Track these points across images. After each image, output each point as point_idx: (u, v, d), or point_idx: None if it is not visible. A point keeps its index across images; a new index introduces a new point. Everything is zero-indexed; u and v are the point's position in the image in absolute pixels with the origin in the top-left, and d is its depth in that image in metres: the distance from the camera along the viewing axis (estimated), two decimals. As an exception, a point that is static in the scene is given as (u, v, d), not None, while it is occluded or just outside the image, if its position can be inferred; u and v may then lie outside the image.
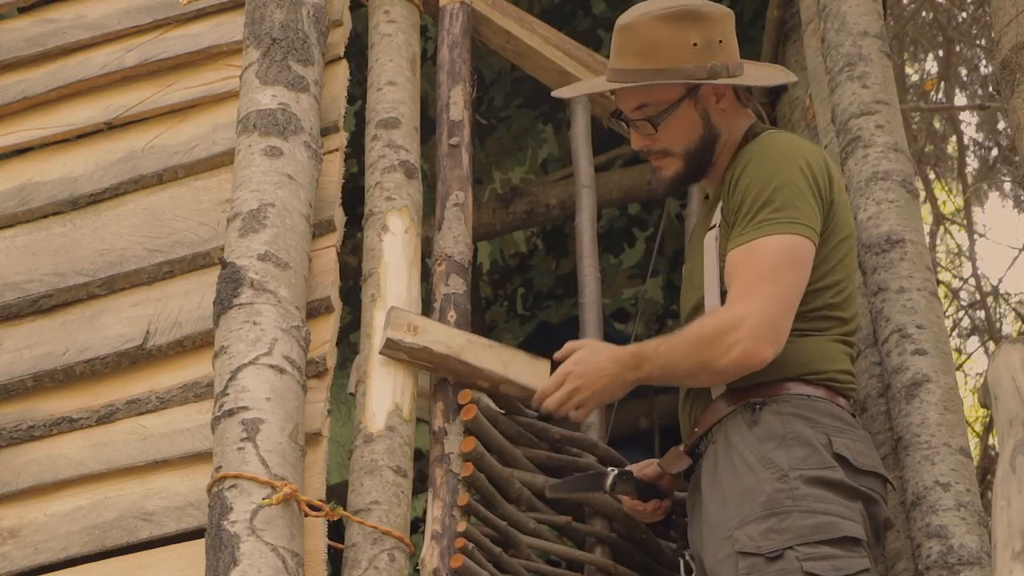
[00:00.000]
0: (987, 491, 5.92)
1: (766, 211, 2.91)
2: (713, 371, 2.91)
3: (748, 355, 2.85)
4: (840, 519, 2.79)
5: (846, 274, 3.02)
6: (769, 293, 2.86)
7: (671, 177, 3.13)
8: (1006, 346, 2.89)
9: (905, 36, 7.87)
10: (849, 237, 3.05)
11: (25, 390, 3.37)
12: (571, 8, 5.26)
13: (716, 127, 3.10)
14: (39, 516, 3.19)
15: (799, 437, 2.86)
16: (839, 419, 2.93)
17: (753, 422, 2.90)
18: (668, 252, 5.57)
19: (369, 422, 3.12)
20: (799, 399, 2.92)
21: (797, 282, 2.90)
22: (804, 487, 2.80)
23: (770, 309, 2.86)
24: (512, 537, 3.23)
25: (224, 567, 2.65)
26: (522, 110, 5.51)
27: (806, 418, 2.89)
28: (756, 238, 2.90)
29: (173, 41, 3.84)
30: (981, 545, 3.04)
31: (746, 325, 2.85)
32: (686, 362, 2.93)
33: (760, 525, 2.78)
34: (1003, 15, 3.54)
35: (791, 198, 2.92)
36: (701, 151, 3.10)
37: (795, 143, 3.07)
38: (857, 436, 2.94)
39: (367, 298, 3.32)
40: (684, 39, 3.03)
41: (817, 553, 2.75)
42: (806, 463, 2.83)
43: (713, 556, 2.87)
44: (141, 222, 3.52)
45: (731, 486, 2.88)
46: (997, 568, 2.56)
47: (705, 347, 2.89)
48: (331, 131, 3.51)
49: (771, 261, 2.88)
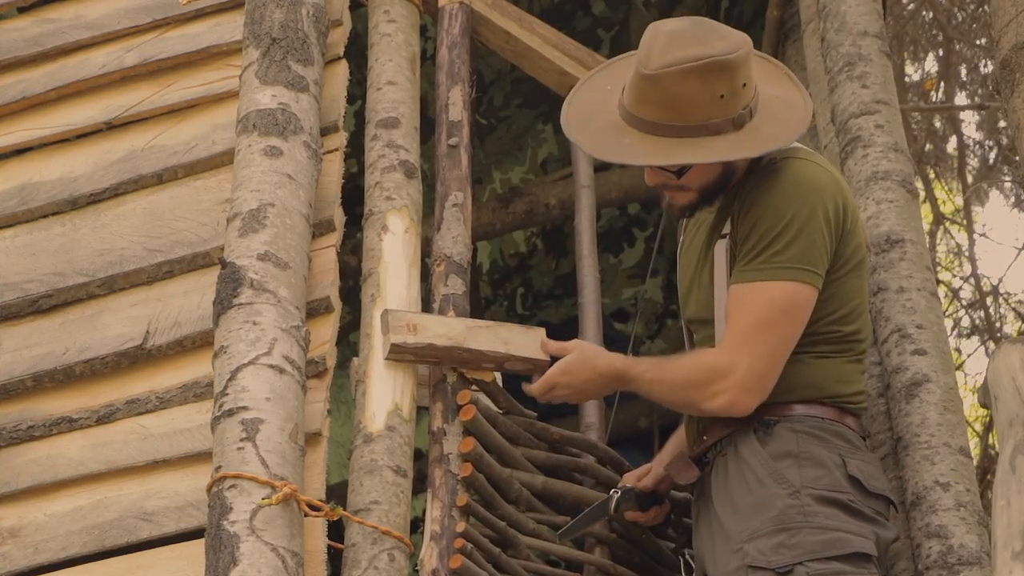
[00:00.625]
0: (987, 491, 5.92)
1: (771, 251, 2.90)
2: (698, 410, 3.00)
3: (732, 405, 2.91)
4: (851, 535, 2.81)
5: (860, 299, 3.04)
6: (760, 347, 2.89)
7: (684, 205, 3.08)
8: (1006, 346, 2.89)
9: (905, 36, 7.87)
10: (863, 262, 3.05)
11: (25, 390, 3.36)
12: (571, 8, 5.26)
13: (733, 164, 3.01)
14: (39, 516, 3.18)
15: (813, 457, 2.89)
16: (849, 442, 2.95)
17: (766, 438, 2.93)
18: (668, 252, 5.56)
19: (369, 422, 3.12)
20: (812, 420, 2.94)
21: (792, 332, 2.92)
22: (815, 505, 2.83)
23: (760, 362, 2.89)
24: (511, 537, 3.22)
25: (224, 567, 2.65)
26: (522, 110, 5.51)
27: (820, 438, 2.92)
28: (758, 280, 2.91)
29: (173, 41, 3.84)
30: (981, 545, 3.04)
31: (734, 376, 2.89)
32: (671, 397, 3.02)
33: (771, 540, 2.80)
34: (1003, 15, 3.54)
35: (799, 239, 2.90)
36: (719, 187, 3.04)
37: (814, 175, 2.98)
38: (867, 458, 2.97)
39: (367, 298, 3.32)
40: (711, 91, 2.90)
41: (828, 569, 2.76)
42: (819, 483, 2.86)
43: (722, 568, 2.88)
44: (141, 222, 3.52)
45: (742, 499, 2.90)
46: (997, 568, 2.56)
47: (691, 389, 2.95)
48: (331, 131, 3.51)
49: (769, 311, 2.90)
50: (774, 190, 2.95)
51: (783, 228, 2.91)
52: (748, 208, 2.96)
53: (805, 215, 2.92)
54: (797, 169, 3.00)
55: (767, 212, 2.93)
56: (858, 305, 3.02)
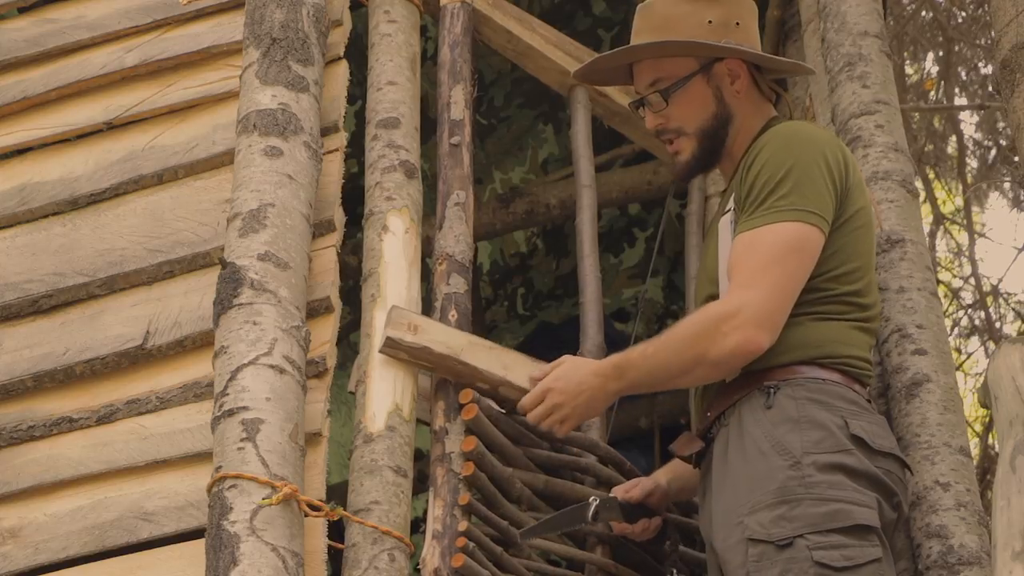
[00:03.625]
0: (987, 491, 5.92)
1: (775, 197, 2.89)
2: (708, 362, 2.88)
3: (744, 342, 2.83)
4: (853, 506, 2.76)
5: (864, 261, 3.00)
6: (770, 282, 2.84)
7: (687, 160, 3.12)
8: (1006, 346, 2.89)
9: (905, 36, 7.87)
10: (867, 226, 3.02)
11: (25, 390, 3.37)
12: (571, 8, 5.27)
13: (729, 107, 3.10)
14: (39, 516, 3.19)
15: (813, 420, 2.82)
16: (855, 403, 2.89)
17: (767, 406, 2.87)
18: (668, 252, 5.57)
19: (369, 422, 3.12)
20: (814, 383, 2.88)
21: (800, 271, 2.88)
22: (818, 474, 2.77)
23: (770, 298, 2.84)
24: (513, 536, 3.23)
25: (224, 567, 2.65)
26: (522, 110, 5.52)
27: (821, 402, 2.86)
28: (763, 224, 2.88)
29: (173, 41, 3.84)
30: (981, 545, 3.04)
31: (744, 313, 2.83)
32: (679, 358, 2.90)
33: (771, 512, 2.76)
34: (1003, 15, 3.54)
35: (802, 184, 2.90)
36: (715, 130, 3.09)
37: (810, 130, 3.06)
38: (874, 419, 2.91)
39: (367, 298, 3.32)
40: (700, 16, 3.06)
41: (828, 542, 2.72)
42: (820, 446, 2.79)
43: (723, 541, 2.84)
44: (141, 222, 3.52)
45: (742, 471, 2.85)
46: (997, 568, 2.56)
47: (700, 338, 2.87)
48: (331, 131, 3.51)
49: (775, 249, 2.86)
50: (772, 143, 2.97)
51: (784, 175, 2.90)
52: (749, 166, 2.97)
53: (806, 162, 2.92)
54: (795, 125, 3.07)
55: (768, 164, 2.93)
56: (860, 267, 2.98)
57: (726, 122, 3.09)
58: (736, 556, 2.78)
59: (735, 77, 3.10)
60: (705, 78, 3.09)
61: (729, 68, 3.09)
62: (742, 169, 3.00)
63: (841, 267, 2.95)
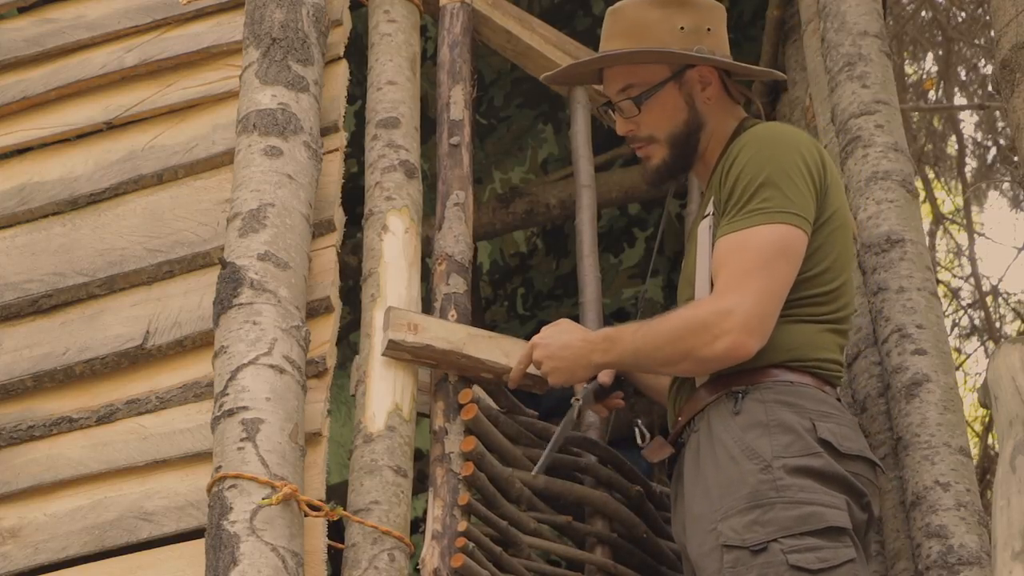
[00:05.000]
0: (987, 491, 5.92)
1: (757, 199, 2.89)
2: (696, 360, 2.88)
3: (735, 347, 2.83)
4: (825, 508, 2.76)
5: (840, 262, 2.99)
6: (759, 286, 2.84)
7: (657, 165, 3.12)
8: (1006, 346, 2.88)
9: (905, 36, 7.87)
10: (843, 227, 3.01)
11: (25, 390, 3.37)
12: (571, 8, 5.26)
13: (701, 114, 3.09)
14: (39, 516, 3.19)
15: (782, 424, 2.83)
16: (824, 404, 2.89)
17: (735, 411, 2.87)
18: (668, 252, 5.57)
19: (369, 422, 3.12)
20: (783, 386, 2.89)
21: (787, 274, 2.88)
22: (788, 477, 2.77)
23: (760, 302, 2.83)
24: (513, 537, 3.23)
25: (224, 567, 2.65)
26: (522, 110, 5.51)
27: (790, 404, 2.86)
28: (747, 227, 2.88)
29: (173, 41, 3.84)
30: (981, 545, 3.04)
31: (734, 317, 2.82)
32: (668, 349, 2.91)
33: (744, 518, 2.76)
34: (1003, 15, 3.54)
35: (783, 186, 2.89)
36: (686, 136, 3.09)
37: (787, 131, 3.06)
38: (843, 421, 2.91)
39: (367, 298, 3.32)
40: (671, 22, 3.05)
41: (802, 545, 2.72)
42: (789, 450, 2.80)
43: (698, 548, 2.84)
44: (141, 222, 3.52)
45: (714, 477, 2.85)
46: (997, 568, 2.56)
47: (690, 335, 2.87)
48: (331, 131, 3.51)
49: (763, 252, 2.85)
50: (750, 146, 2.96)
51: (765, 178, 2.90)
52: (728, 170, 2.96)
53: (786, 163, 2.92)
54: (771, 126, 3.07)
55: (748, 166, 2.92)
56: (834, 267, 2.97)
57: (698, 128, 3.10)
58: (711, 563, 2.79)
59: (706, 84, 3.10)
60: (677, 85, 3.08)
61: (700, 75, 3.09)
62: (720, 172, 2.99)
63: (816, 268, 2.95)
